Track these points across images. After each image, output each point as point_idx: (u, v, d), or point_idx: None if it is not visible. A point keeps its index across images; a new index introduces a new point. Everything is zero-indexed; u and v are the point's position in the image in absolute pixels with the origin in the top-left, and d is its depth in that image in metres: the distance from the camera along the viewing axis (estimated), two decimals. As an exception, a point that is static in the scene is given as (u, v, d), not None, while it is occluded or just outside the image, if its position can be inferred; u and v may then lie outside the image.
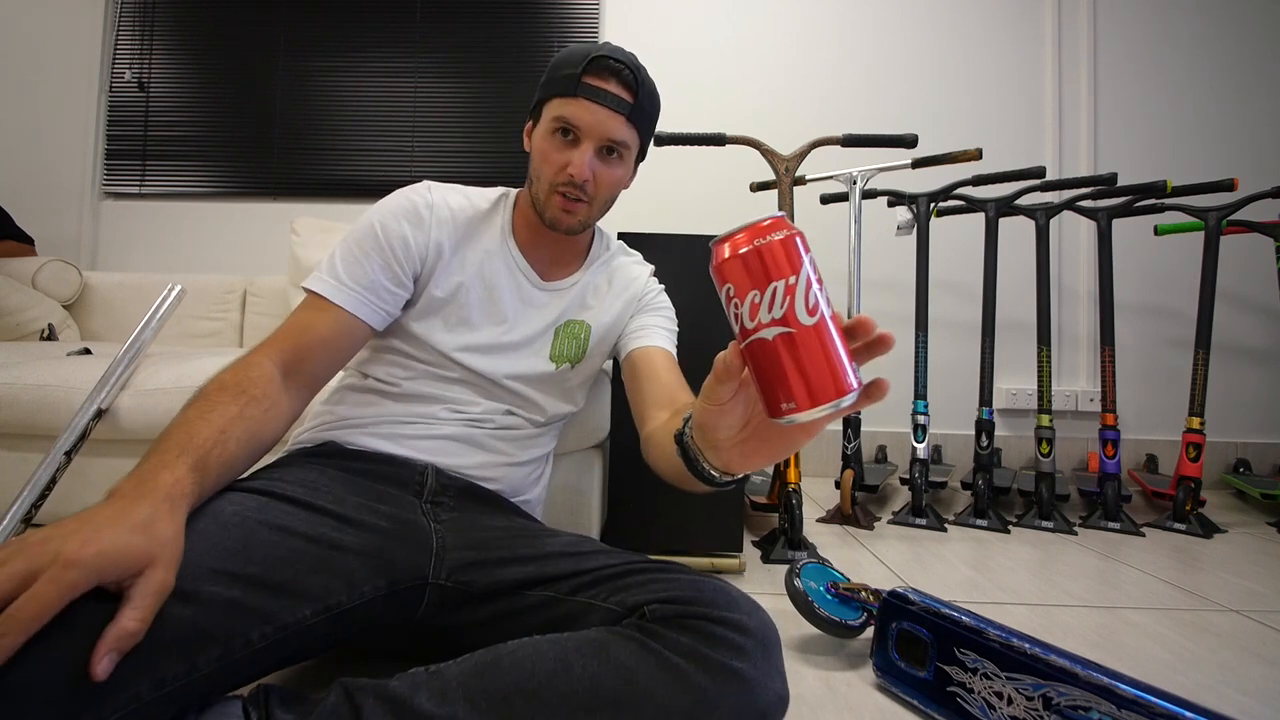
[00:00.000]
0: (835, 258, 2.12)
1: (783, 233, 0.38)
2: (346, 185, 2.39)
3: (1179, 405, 1.76)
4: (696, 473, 0.51)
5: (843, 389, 0.37)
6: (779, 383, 0.38)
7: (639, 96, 0.74)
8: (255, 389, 0.60)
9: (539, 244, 0.83)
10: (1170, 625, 1.01)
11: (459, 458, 0.76)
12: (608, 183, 0.77)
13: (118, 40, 2.44)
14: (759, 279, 0.37)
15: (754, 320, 0.38)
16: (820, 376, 0.37)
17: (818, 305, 0.37)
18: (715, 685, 0.50)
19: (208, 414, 0.55)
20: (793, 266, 0.37)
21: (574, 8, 2.39)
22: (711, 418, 0.45)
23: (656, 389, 0.76)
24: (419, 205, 0.78)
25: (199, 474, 0.50)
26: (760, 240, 0.38)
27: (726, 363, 0.41)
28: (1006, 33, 2.32)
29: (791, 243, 0.38)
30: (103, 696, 0.39)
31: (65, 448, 0.98)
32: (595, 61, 0.72)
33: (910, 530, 1.56)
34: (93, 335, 2.00)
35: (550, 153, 0.75)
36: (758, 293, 0.37)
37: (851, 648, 0.87)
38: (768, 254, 0.38)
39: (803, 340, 0.37)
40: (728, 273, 0.39)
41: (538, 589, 0.63)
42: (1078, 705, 0.59)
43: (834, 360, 0.37)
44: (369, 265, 0.73)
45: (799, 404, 0.37)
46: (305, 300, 0.73)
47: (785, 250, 0.38)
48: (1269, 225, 1.76)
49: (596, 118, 0.72)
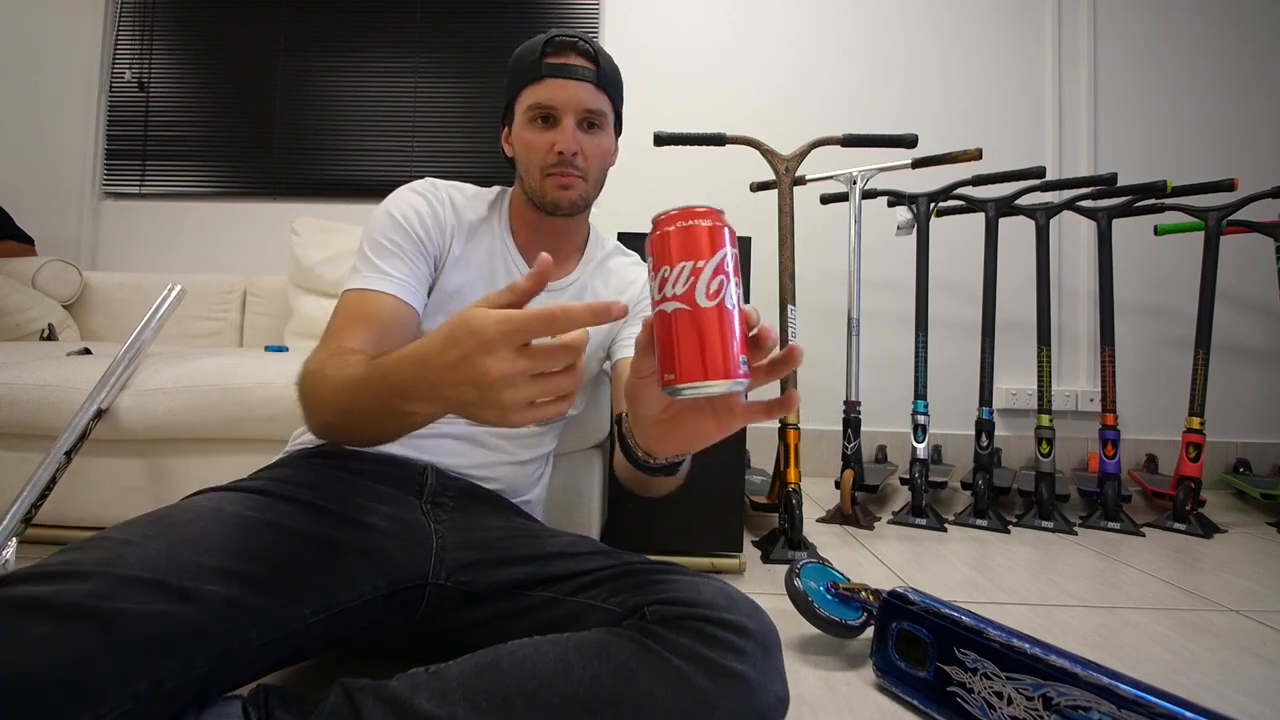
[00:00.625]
0: (835, 258, 2.14)
1: (709, 221, 0.41)
2: (346, 185, 2.39)
3: (1179, 405, 1.76)
4: (626, 450, 0.55)
5: (723, 373, 0.39)
6: (669, 353, 0.41)
7: (600, 63, 0.77)
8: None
9: (536, 241, 0.83)
10: (1170, 625, 1.01)
11: (460, 457, 0.76)
12: (596, 154, 0.78)
13: (118, 40, 2.44)
14: (674, 256, 0.40)
15: (660, 293, 0.41)
16: (705, 357, 0.39)
17: (720, 293, 0.40)
18: (715, 687, 0.50)
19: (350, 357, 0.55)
20: (707, 252, 0.40)
21: (574, 8, 2.40)
22: (634, 390, 0.47)
23: None
24: (430, 197, 0.78)
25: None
26: (685, 222, 0.41)
27: (641, 334, 0.43)
28: (1006, 33, 2.32)
29: (715, 232, 0.40)
30: (101, 694, 0.39)
31: (65, 448, 0.98)
32: (550, 42, 0.75)
33: (910, 530, 1.56)
34: (93, 335, 2.00)
35: (533, 140, 0.76)
36: (668, 268, 0.40)
37: (851, 648, 0.87)
38: (689, 235, 0.40)
39: (696, 320, 0.39)
40: (653, 245, 0.42)
41: (538, 589, 0.63)
42: (1078, 705, 0.59)
43: (721, 346, 0.40)
44: (404, 255, 0.73)
45: (678, 376, 0.40)
46: (347, 297, 0.70)
47: (706, 236, 0.40)
48: (1269, 225, 1.76)
49: (568, 91, 0.74)
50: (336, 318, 0.69)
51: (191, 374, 1.13)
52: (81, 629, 0.40)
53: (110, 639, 0.40)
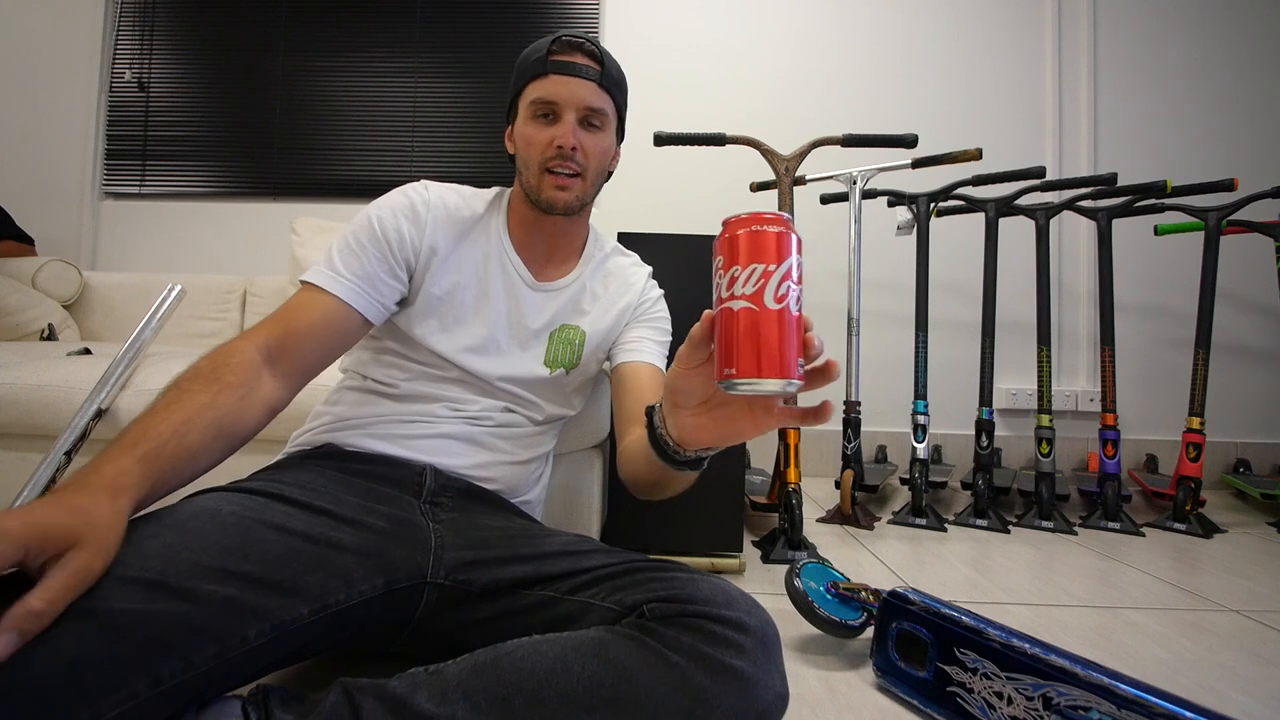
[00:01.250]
0: (835, 258, 2.13)
1: (780, 228, 0.43)
2: (346, 185, 2.39)
3: (1179, 405, 1.75)
4: (655, 442, 0.56)
5: (780, 373, 0.42)
6: (730, 349, 0.42)
7: (605, 65, 0.78)
8: (231, 375, 0.59)
9: (534, 241, 0.83)
10: (1170, 625, 1.01)
11: (458, 457, 0.76)
12: (595, 153, 0.78)
13: (118, 40, 2.44)
14: (745, 257, 0.42)
15: (729, 291, 0.43)
16: (766, 355, 0.42)
17: (786, 298, 0.42)
18: (715, 684, 0.50)
19: (173, 404, 0.54)
20: (778, 257, 0.42)
21: (574, 7, 2.40)
22: (679, 380, 0.49)
23: (636, 406, 0.76)
24: (416, 202, 0.78)
25: (147, 465, 0.49)
26: (759, 226, 0.43)
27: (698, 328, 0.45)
28: (1006, 33, 2.32)
29: (785, 238, 0.43)
30: (99, 693, 0.39)
31: (65, 448, 0.98)
32: (557, 41, 0.77)
33: (910, 530, 1.56)
34: (93, 335, 2.01)
35: (534, 135, 0.77)
36: (739, 268, 0.42)
37: (851, 648, 0.87)
38: (761, 239, 0.42)
39: (762, 320, 0.42)
40: (723, 246, 0.44)
41: (536, 588, 0.63)
42: (1078, 705, 0.59)
43: (783, 348, 0.42)
44: (364, 257, 0.73)
45: (739, 371, 0.42)
46: (299, 292, 0.72)
47: (776, 241, 0.42)
48: (1269, 225, 1.76)
49: (570, 88, 0.76)
50: (276, 311, 0.70)
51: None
52: (80, 628, 0.40)
53: (108, 638, 0.40)
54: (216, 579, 0.48)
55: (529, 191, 0.79)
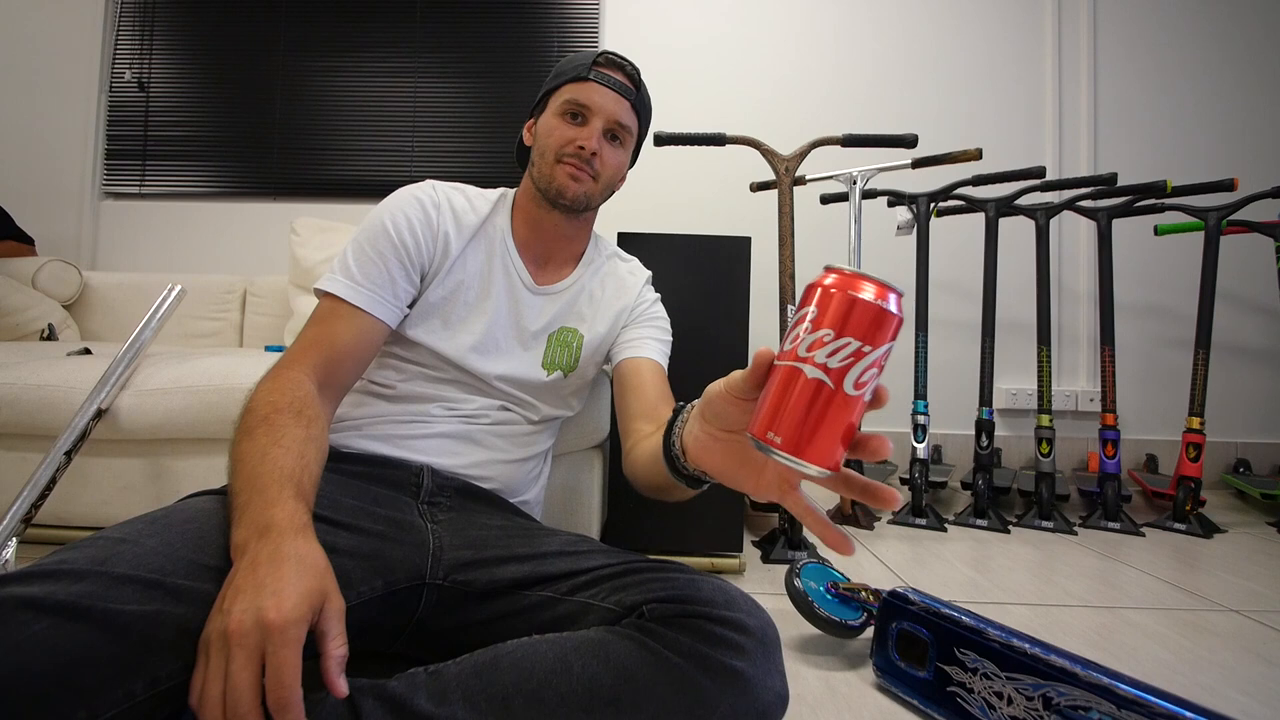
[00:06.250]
0: (835, 258, 2.13)
1: (895, 309, 0.38)
2: (346, 185, 2.39)
3: (1179, 405, 1.75)
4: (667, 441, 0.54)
5: (824, 461, 0.37)
6: (781, 412, 0.38)
7: (640, 90, 0.83)
8: (310, 410, 0.60)
9: (536, 241, 0.83)
10: (1170, 625, 1.01)
11: (455, 456, 0.76)
12: (611, 164, 0.81)
13: (118, 40, 2.44)
14: (845, 325, 0.37)
15: (808, 351, 0.37)
16: (820, 440, 0.37)
17: (865, 385, 0.37)
18: (715, 684, 0.49)
19: (281, 440, 0.55)
20: (879, 340, 0.37)
21: (574, 7, 2.40)
22: (719, 403, 0.45)
23: (641, 402, 0.77)
24: (426, 204, 0.78)
25: (302, 500, 0.51)
26: (879, 300, 0.37)
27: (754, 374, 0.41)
28: (1006, 33, 2.32)
29: (889, 320, 0.37)
30: (97, 693, 0.39)
31: (65, 448, 0.98)
32: (604, 55, 0.81)
33: (910, 530, 1.56)
34: (93, 335, 2.01)
35: (559, 128, 0.79)
36: (831, 333, 0.37)
37: (851, 648, 0.87)
38: (872, 313, 0.37)
39: (834, 403, 0.37)
40: (824, 298, 0.38)
41: (536, 589, 0.63)
42: (1078, 705, 0.59)
43: (838, 435, 0.38)
44: (383, 263, 0.73)
45: (784, 442, 0.37)
46: (322, 305, 0.72)
47: (879, 321, 0.37)
48: (1269, 225, 1.76)
49: (605, 98, 0.79)
50: (306, 332, 0.70)
51: (191, 374, 1.13)
52: (77, 628, 0.39)
53: (106, 638, 0.40)
54: (214, 579, 0.47)
55: (539, 181, 0.80)
